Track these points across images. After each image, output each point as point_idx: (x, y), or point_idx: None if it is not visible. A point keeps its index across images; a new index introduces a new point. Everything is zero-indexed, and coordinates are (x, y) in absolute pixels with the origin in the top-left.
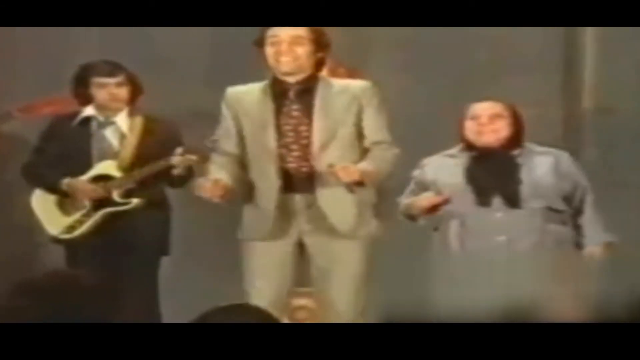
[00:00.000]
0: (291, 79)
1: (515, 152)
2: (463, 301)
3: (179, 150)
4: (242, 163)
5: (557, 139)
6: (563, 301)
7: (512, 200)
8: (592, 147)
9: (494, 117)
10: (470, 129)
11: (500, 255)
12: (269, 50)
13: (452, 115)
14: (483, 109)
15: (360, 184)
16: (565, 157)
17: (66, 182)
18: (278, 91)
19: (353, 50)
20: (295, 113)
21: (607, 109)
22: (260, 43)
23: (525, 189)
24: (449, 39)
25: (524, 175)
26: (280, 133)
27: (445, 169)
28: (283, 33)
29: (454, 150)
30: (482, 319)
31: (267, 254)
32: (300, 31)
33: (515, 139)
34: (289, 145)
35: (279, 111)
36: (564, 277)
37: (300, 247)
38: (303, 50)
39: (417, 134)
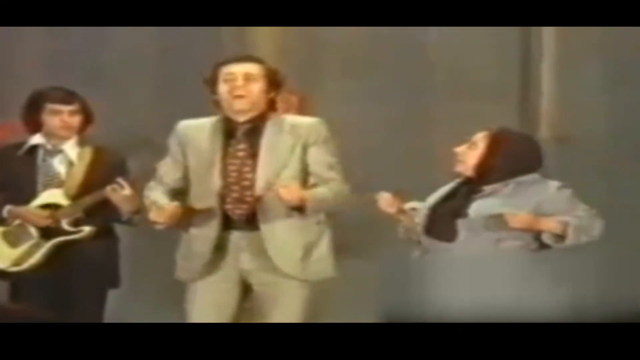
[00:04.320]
0: (241, 118)
1: (497, 185)
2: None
3: (109, 188)
4: (176, 197)
5: None
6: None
7: (448, 236)
8: (548, 176)
9: (471, 144)
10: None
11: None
12: (223, 88)
13: (406, 143)
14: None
15: (300, 209)
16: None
17: (7, 209)
18: (226, 130)
19: (305, 78)
20: (240, 154)
21: (564, 137)
22: (212, 81)
23: (464, 223)
24: (404, 66)
25: (473, 209)
26: (225, 173)
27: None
28: (238, 70)
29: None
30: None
31: (207, 292)
32: (254, 69)
33: (490, 169)
34: (230, 186)
35: (225, 151)
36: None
37: (244, 286)
38: (257, 88)
39: (370, 162)
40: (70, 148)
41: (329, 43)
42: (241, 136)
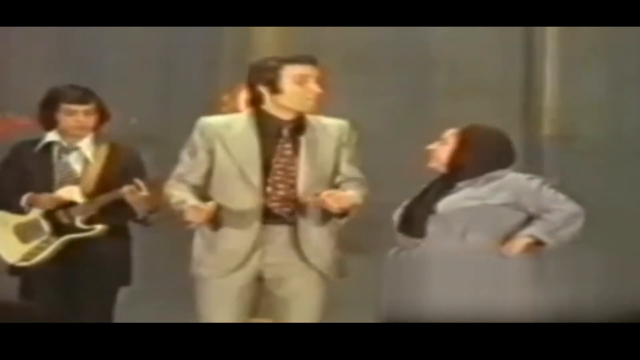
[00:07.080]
0: (286, 116)
1: (469, 181)
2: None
3: (126, 188)
4: (202, 195)
5: (516, 166)
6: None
7: (419, 232)
8: (551, 174)
9: (441, 141)
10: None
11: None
12: (295, 88)
13: (407, 141)
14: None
15: (345, 214)
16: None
17: (27, 196)
18: (269, 128)
19: None
20: (287, 152)
21: (566, 136)
22: (274, 82)
23: (433, 219)
24: (406, 64)
25: (442, 204)
26: (269, 171)
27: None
28: (312, 72)
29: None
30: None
31: (226, 287)
32: (316, 72)
33: (461, 165)
34: (276, 184)
35: (271, 149)
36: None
37: (259, 277)
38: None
39: (372, 160)
40: (87, 146)
41: (330, 42)
42: (288, 134)
